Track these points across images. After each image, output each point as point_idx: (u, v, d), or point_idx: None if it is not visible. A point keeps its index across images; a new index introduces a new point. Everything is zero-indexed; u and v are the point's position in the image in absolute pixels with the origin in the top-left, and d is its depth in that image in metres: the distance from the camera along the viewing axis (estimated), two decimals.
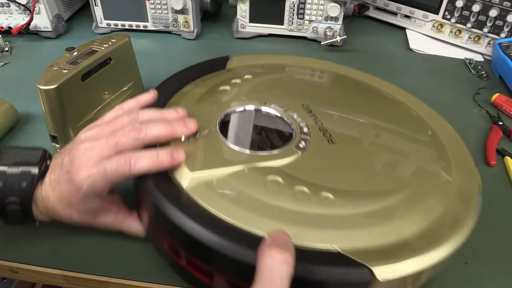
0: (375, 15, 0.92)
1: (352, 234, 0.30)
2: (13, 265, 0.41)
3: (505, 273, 0.41)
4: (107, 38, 0.54)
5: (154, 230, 0.36)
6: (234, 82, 0.48)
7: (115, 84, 0.56)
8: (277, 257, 0.25)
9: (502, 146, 0.56)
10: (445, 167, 0.40)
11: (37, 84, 0.45)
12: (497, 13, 0.72)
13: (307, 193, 0.33)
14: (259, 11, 0.78)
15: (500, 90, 0.69)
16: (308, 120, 0.42)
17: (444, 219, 0.33)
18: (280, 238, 0.27)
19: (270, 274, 0.24)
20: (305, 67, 0.54)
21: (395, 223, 0.32)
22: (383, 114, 0.46)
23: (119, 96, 0.57)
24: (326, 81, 0.52)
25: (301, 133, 0.40)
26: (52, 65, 0.49)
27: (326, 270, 0.27)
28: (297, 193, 0.33)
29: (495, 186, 0.51)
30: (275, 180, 0.34)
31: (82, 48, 0.52)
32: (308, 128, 0.41)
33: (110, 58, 0.53)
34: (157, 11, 0.78)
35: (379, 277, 0.27)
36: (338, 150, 0.39)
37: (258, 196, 0.33)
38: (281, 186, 0.34)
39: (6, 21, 0.77)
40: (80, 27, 0.84)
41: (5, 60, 0.73)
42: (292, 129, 0.41)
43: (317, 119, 0.42)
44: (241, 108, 0.43)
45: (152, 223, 0.36)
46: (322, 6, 0.76)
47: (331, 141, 0.40)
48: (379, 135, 0.42)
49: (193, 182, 0.33)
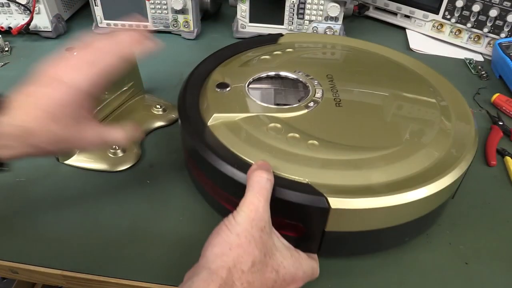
0: (375, 15, 0.91)
1: (325, 173, 0.38)
2: (13, 265, 0.41)
3: (505, 273, 0.41)
4: None
5: (183, 152, 0.49)
6: (276, 53, 0.56)
7: (115, 84, 0.56)
8: (264, 176, 0.34)
9: (502, 146, 0.56)
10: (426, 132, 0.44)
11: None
12: (497, 13, 0.72)
13: (298, 138, 0.41)
14: (259, 11, 0.78)
15: (500, 90, 0.69)
16: (326, 86, 0.49)
17: (409, 178, 0.38)
18: (264, 165, 0.36)
19: (258, 187, 0.33)
20: (343, 45, 0.61)
21: (365, 172, 0.38)
22: (397, 88, 0.51)
23: (118, 96, 0.57)
24: (356, 57, 0.58)
25: (314, 96, 0.47)
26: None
27: (295, 194, 0.35)
28: (289, 138, 0.41)
29: (495, 186, 0.51)
30: (275, 126, 0.43)
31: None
32: (322, 92, 0.48)
33: None
34: (157, 11, 0.78)
35: (333, 205, 0.34)
36: (342, 112, 0.45)
37: (258, 136, 0.42)
38: (278, 131, 0.42)
39: (6, 21, 0.77)
40: (80, 27, 0.84)
41: (5, 60, 0.73)
42: (308, 92, 0.48)
43: (334, 87, 0.49)
44: (272, 73, 0.52)
45: (183, 147, 0.48)
46: (322, 6, 0.76)
47: (338, 104, 0.46)
48: (385, 104, 0.48)
49: (214, 120, 0.44)
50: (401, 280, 0.40)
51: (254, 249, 0.31)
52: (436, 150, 0.41)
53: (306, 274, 0.35)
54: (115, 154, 0.52)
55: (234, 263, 0.30)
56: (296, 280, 0.34)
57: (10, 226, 0.44)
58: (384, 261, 0.42)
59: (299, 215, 0.37)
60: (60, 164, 0.51)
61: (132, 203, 0.47)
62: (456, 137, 0.43)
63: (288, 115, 0.44)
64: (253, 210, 0.32)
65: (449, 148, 0.42)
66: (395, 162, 0.39)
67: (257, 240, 0.31)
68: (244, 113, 0.44)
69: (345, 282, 0.40)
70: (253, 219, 0.32)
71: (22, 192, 0.48)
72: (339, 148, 0.40)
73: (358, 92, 0.50)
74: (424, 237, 0.44)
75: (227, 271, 0.30)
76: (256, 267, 0.31)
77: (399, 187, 0.37)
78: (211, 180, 0.42)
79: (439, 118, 0.45)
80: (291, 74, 0.51)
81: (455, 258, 0.42)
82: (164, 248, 0.42)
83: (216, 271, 0.30)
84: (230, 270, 0.30)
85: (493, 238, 0.44)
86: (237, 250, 0.31)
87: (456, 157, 0.41)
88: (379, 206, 0.35)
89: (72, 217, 0.45)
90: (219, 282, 0.29)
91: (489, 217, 0.47)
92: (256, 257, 0.31)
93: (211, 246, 0.31)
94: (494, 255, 0.43)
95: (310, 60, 0.57)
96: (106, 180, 0.50)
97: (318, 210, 0.35)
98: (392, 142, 0.42)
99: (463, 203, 0.48)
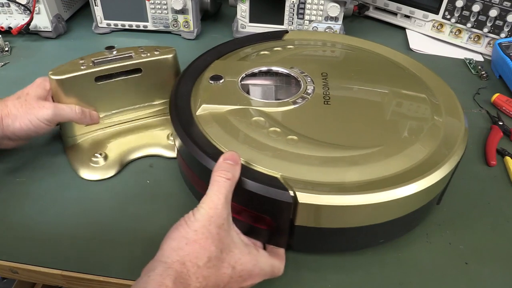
0: (375, 15, 0.91)
1: (298, 168, 0.38)
2: (13, 265, 0.41)
3: (505, 273, 0.41)
4: (153, 47, 0.52)
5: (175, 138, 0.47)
6: (276, 49, 0.57)
7: (140, 96, 0.54)
8: (222, 176, 0.35)
9: (502, 146, 0.56)
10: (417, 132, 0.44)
11: (51, 69, 0.48)
12: (497, 13, 0.72)
13: (279, 132, 0.42)
14: (259, 11, 0.78)
15: (500, 90, 0.69)
16: (317, 84, 0.49)
17: (384, 179, 0.38)
18: (231, 157, 0.36)
19: (218, 185, 0.34)
20: (343, 44, 0.61)
21: (339, 170, 0.39)
22: (391, 89, 0.50)
23: (141, 109, 0.55)
24: (356, 56, 0.58)
25: (304, 92, 0.48)
26: (82, 57, 0.49)
27: (263, 187, 0.36)
28: (270, 132, 0.42)
29: (495, 186, 0.51)
30: (258, 120, 0.44)
31: (123, 50, 0.51)
32: (313, 89, 0.48)
33: (141, 69, 0.51)
34: (157, 11, 0.78)
35: (300, 199, 0.35)
36: (329, 110, 0.46)
37: (241, 128, 0.42)
38: (260, 125, 0.43)
39: (6, 21, 0.77)
40: (80, 27, 0.84)
41: (5, 60, 0.73)
42: (300, 88, 0.48)
43: (326, 84, 0.49)
44: (266, 68, 0.52)
45: (173, 133, 0.47)
46: (322, 6, 0.76)
47: (327, 102, 0.47)
48: (373, 105, 0.48)
49: (202, 110, 0.45)
50: (401, 280, 0.40)
51: (210, 245, 0.32)
52: (417, 152, 0.41)
53: (264, 271, 0.36)
54: (97, 163, 0.50)
55: (190, 258, 0.31)
56: (252, 276, 0.35)
57: (10, 226, 0.44)
58: (384, 261, 0.42)
59: (267, 208, 0.37)
60: (61, 164, 0.51)
61: (132, 203, 0.47)
62: (445, 136, 0.43)
63: (274, 110, 0.45)
64: (212, 208, 0.33)
65: (431, 150, 0.41)
66: (371, 162, 0.39)
67: (214, 237, 0.32)
68: (232, 105, 0.45)
69: (345, 282, 0.40)
70: (212, 216, 0.33)
71: (22, 192, 0.48)
72: (318, 145, 0.41)
73: (349, 90, 0.50)
74: (424, 237, 0.44)
75: (182, 265, 0.31)
76: (212, 263, 0.32)
77: (372, 187, 0.37)
78: (191, 170, 0.43)
79: (427, 119, 0.45)
80: (285, 70, 0.52)
81: (455, 258, 0.42)
82: None
83: (172, 265, 0.31)
84: (185, 264, 0.31)
85: (493, 238, 0.44)
86: (193, 246, 0.32)
87: (437, 161, 0.40)
88: (348, 204, 0.36)
89: (72, 217, 0.45)
90: (175, 276, 0.30)
91: (489, 217, 0.47)
92: (212, 253, 0.32)
93: (169, 240, 0.32)
94: (494, 255, 0.43)
95: (308, 57, 0.57)
96: (106, 180, 0.50)
97: (284, 204, 0.36)
98: (373, 142, 0.42)
99: (463, 203, 0.48)
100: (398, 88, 0.50)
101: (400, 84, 0.51)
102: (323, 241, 0.40)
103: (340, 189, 0.37)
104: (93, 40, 0.80)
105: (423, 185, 0.37)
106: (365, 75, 0.53)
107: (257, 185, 0.36)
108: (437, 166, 0.39)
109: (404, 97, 0.49)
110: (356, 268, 0.41)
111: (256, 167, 0.38)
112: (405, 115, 0.46)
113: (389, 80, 0.52)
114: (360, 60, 0.57)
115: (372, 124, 0.44)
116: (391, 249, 0.43)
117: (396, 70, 0.55)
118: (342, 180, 0.38)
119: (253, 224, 0.39)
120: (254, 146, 0.40)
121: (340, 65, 0.56)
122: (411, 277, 0.40)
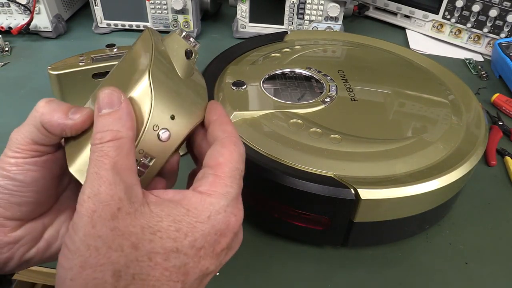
0: (375, 15, 0.91)
1: (349, 166, 0.39)
2: None
3: (505, 273, 0.41)
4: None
5: None
6: (285, 50, 0.57)
7: None
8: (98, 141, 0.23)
9: (502, 146, 0.56)
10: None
11: (50, 65, 0.47)
12: (497, 13, 0.72)
13: (320, 133, 0.42)
14: (259, 11, 0.78)
15: (500, 90, 0.69)
16: (338, 82, 0.50)
17: (430, 168, 0.40)
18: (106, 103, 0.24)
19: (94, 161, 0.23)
20: (348, 41, 0.62)
21: (388, 163, 0.40)
22: (407, 81, 0.53)
23: None
24: (364, 53, 0.59)
25: (329, 91, 0.49)
26: (82, 54, 0.49)
27: (326, 188, 0.36)
28: (311, 133, 0.42)
29: (495, 186, 0.51)
30: (296, 122, 0.44)
31: (124, 48, 0.51)
32: (336, 87, 0.49)
33: None
34: (157, 11, 0.78)
35: (363, 196, 0.35)
36: (358, 106, 0.47)
37: (280, 132, 0.42)
38: (299, 127, 0.43)
39: (6, 21, 0.76)
40: (80, 27, 0.84)
41: (5, 60, 0.73)
42: (323, 87, 0.49)
43: (347, 82, 0.51)
44: (286, 70, 0.53)
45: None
46: (322, 6, 0.76)
47: (353, 99, 0.48)
48: (398, 96, 0.49)
49: (234, 118, 0.44)
50: (401, 280, 0.40)
51: (108, 255, 0.21)
52: (450, 141, 0.43)
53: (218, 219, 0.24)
54: None
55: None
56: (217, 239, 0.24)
57: None
58: (384, 261, 0.42)
59: (327, 208, 0.37)
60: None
61: None
62: (468, 129, 0.45)
63: (307, 111, 0.45)
64: (91, 197, 0.22)
65: (462, 139, 0.43)
66: (413, 152, 0.41)
67: (109, 239, 0.21)
68: (264, 110, 0.45)
69: (345, 282, 0.40)
70: (95, 211, 0.21)
71: None
72: (360, 141, 0.42)
73: (370, 86, 0.51)
74: (424, 237, 0.44)
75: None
76: (126, 276, 0.21)
77: (423, 176, 0.38)
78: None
79: (451, 112, 0.47)
80: (305, 71, 0.52)
81: (455, 258, 0.42)
82: None
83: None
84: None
85: (493, 238, 0.44)
86: (83, 274, 0.21)
87: (467, 150, 0.42)
88: (407, 195, 0.37)
89: None
90: None
91: (489, 217, 0.47)
92: (117, 263, 0.21)
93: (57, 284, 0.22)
94: (494, 255, 0.43)
95: (319, 57, 0.58)
96: None
97: (346, 202, 0.36)
98: (409, 133, 0.43)
99: (463, 203, 0.48)
100: (413, 82, 0.52)
101: (412, 78, 0.54)
102: (380, 234, 0.41)
103: (396, 182, 0.37)
104: (93, 40, 0.80)
105: (467, 169, 0.40)
106: (377, 71, 0.54)
107: (316, 186, 0.36)
108: (474, 148, 0.42)
109: (421, 89, 0.51)
110: (356, 268, 0.41)
111: (308, 168, 0.38)
112: (428, 105, 0.48)
113: (402, 74, 0.54)
114: (368, 56, 0.58)
115: (401, 117, 0.46)
116: (391, 249, 0.43)
117: (404, 65, 0.57)
118: (394, 172, 0.39)
119: (307, 226, 0.39)
120: (299, 149, 0.40)
121: (352, 62, 0.57)
122: (411, 277, 0.40)
